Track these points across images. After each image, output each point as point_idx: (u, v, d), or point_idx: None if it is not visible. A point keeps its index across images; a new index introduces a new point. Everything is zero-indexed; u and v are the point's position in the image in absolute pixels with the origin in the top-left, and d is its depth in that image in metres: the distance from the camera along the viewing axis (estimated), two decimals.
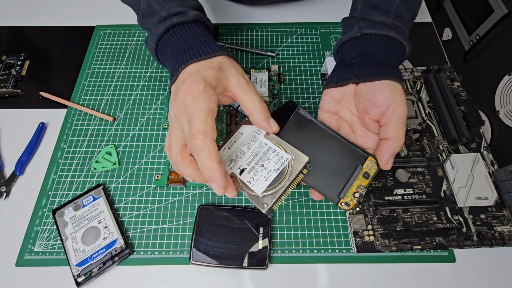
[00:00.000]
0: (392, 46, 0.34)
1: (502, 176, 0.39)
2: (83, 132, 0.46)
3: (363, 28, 0.34)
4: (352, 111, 0.34)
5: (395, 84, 0.31)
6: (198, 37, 0.33)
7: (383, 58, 0.33)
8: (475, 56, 0.56)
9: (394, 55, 0.34)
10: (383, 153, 0.30)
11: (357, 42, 0.35)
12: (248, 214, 0.39)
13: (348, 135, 0.34)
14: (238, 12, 0.59)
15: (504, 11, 0.49)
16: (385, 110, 0.30)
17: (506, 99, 0.46)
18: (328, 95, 0.35)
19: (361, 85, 0.32)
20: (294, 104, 0.43)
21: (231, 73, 0.30)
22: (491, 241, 0.37)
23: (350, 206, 0.31)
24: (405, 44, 0.34)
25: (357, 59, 0.34)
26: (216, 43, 0.33)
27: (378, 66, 0.32)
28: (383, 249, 0.37)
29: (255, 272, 0.37)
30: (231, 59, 0.32)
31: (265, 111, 0.30)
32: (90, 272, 0.36)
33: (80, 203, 0.40)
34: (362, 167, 0.31)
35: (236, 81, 0.30)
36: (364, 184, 0.31)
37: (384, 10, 0.34)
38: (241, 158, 0.32)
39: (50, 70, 0.52)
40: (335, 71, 0.35)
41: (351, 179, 0.31)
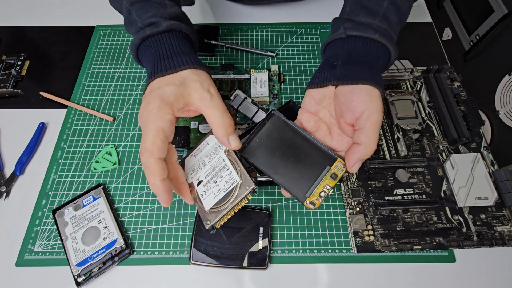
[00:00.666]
0: (376, 50, 0.33)
1: (502, 176, 0.39)
2: (83, 132, 0.46)
3: (348, 30, 0.34)
4: (331, 113, 0.34)
5: (372, 90, 0.30)
6: (168, 49, 0.33)
7: (366, 61, 0.33)
8: (475, 56, 0.56)
9: (378, 59, 0.33)
10: (351, 156, 0.30)
11: (342, 44, 0.35)
12: (248, 214, 0.39)
13: (324, 137, 0.34)
14: (238, 12, 0.59)
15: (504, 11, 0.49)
16: (359, 116, 0.30)
17: (506, 99, 0.46)
18: (310, 96, 0.35)
19: (340, 88, 0.32)
20: (294, 104, 0.43)
21: (194, 88, 0.30)
22: (491, 241, 0.37)
23: (315, 206, 0.31)
24: (390, 48, 0.33)
25: (340, 61, 0.34)
26: (188, 55, 0.32)
27: (359, 69, 0.32)
28: (383, 249, 0.37)
29: (255, 272, 0.37)
30: (198, 71, 0.32)
31: (227, 128, 0.30)
32: (90, 272, 0.36)
33: (80, 203, 0.40)
34: (331, 168, 0.32)
35: (198, 96, 0.30)
36: (331, 184, 0.32)
37: (372, 12, 0.34)
38: (201, 169, 0.33)
39: (50, 70, 0.52)
40: (318, 71, 0.35)
41: (319, 179, 0.32)
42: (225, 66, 0.51)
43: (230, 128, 0.30)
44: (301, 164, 0.32)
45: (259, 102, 0.47)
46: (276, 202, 0.41)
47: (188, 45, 0.35)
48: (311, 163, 0.32)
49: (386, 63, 0.35)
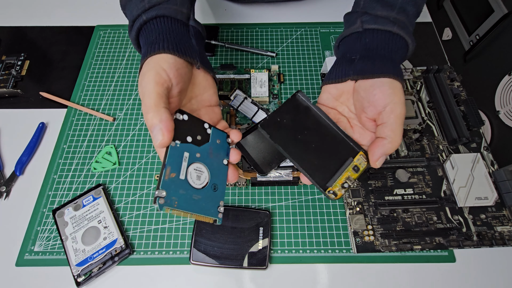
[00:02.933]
0: (395, 42, 0.33)
1: (502, 176, 0.39)
2: (83, 132, 0.46)
3: (366, 23, 0.33)
4: (350, 108, 0.34)
5: (395, 83, 0.30)
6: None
7: (385, 54, 0.32)
8: (475, 56, 0.56)
9: (397, 52, 0.33)
10: (375, 150, 0.30)
11: (359, 37, 0.34)
12: (248, 214, 0.39)
13: (345, 129, 0.34)
14: (238, 12, 0.59)
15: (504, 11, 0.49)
16: (382, 110, 0.30)
17: (506, 99, 0.46)
18: (327, 92, 0.35)
19: (360, 82, 0.31)
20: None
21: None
22: (491, 241, 0.37)
23: (337, 196, 0.30)
24: (409, 40, 0.33)
25: (358, 55, 0.33)
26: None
27: (379, 63, 0.31)
28: (383, 249, 0.37)
29: (255, 272, 0.37)
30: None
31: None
32: (90, 272, 0.36)
33: (80, 203, 0.40)
34: (353, 160, 0.31)
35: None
36: (353, 176, 0.31)
37: (389, 4, 0.33)
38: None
39: (50, 70, 0.52)
40: (335, 66, 0.35)
41: (341, 169, 0.31)
42: (225, 66, 0.51)
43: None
44: (324, 152, 0.31)
45: (259, 102, 0.47)
46: (276, 202, 0.41)
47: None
48: (333, 152, 0.31)
49: (404, 55, 0.34)
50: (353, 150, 0.32)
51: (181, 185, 0.26)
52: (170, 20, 0.32)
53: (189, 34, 0.34)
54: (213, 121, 0.33)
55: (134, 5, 0.33)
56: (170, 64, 0.29)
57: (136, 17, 0.32)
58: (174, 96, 0.29)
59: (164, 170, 0.25)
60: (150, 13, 0.32)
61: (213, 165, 0.29)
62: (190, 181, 0.27)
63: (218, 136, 0.31)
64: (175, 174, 0.26)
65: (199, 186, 0.27)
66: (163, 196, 0.24)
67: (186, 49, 0.31)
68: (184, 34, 0.33)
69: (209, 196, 0.28)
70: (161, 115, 0.26)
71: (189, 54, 0.31)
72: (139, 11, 0.32)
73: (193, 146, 0.28)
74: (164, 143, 0.26)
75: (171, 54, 0.29)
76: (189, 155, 0.28)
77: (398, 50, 0.33)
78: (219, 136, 0.31)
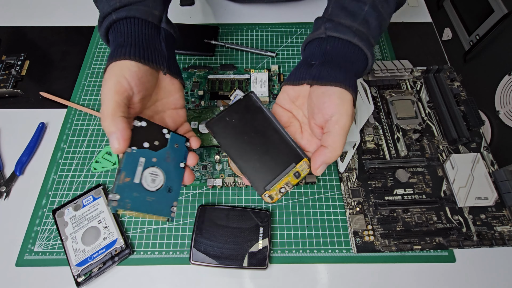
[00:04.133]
0: (354, 53, 0.33)
1: (502, 176, 0.39)
2: (83, 132, 0.46)
3: (328, 30, 0.34)
4: (304, 113, 0.34)
5: (345, 94, 0.30)
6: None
7: (342, 63, 0.33)
8: (475, 56, 0.56)
9: (356, 63, 0.33)
10: (316, 159, 0.30)
11: (321, 43, 0.34)
12: (248, 214, 0.39)
13: (295, 134, 0.34)
14: (238, 12, 0.59)
15: (504, 11, 0.49)
16: (329, 119, 0.30)
17: (506, 99, 0.47)
18: (285, 92, 0.35)
19: (314, 88, 0.32)
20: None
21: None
22: (491, 241, 0.37)
23: (273, 200, 0.31)
24: (368, 54, 0.33)
25: (318, 60, 0.33)
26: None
27: (334, 71, 0.31)
28: (383, 249, 0.37)
29: (255, 272, 0.37)
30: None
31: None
32: (90, 272, 0.36)
33: (80, 203, 0.40)
34: (296, 166, 0.32)
35: None
36: (292, 182, 0.32)
37: (353, 14, 0.34)
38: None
39: (50, 70, 0.52)
40: (296, 69, 0.35)
41: (281, 174, 0.32)
42: (225, 66, 0.51)
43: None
44: (267, 156, 0.32)
45: None
46: (276, 202, 0.41)
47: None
48: (277, 156, 0.32)
49: (363, 68, 0.35)
50: (298, 156, 0.32)
51: (135, 188, 0.28)
52: (140, 22, 0.32)
53: (160, 37, 0.34)
54: (176, 123, 0.34)
55: (106, 1, 0.33)
56: (133, 73, 0.29)
57: (106, 14, 0.32)
58: (135, 103, 0.30)
59: (118, 175, 0.27)
60: (120, 13, 0.31)
61: (169, 168, 0.31)
62: (144, 184, 0.29)
63: (176, 140, 0.32)
64: (129, 178, 0.28)
65: (153, 189, 0.29)
66: (116, 199, 0.26)
67: (153, 55, 0.31)
68: (154, 38, 0.33)
69: (163, 198, 0.29)
70: (117, 124, 0.27)
71: (155, 60, 0.31)
72: (110, 9, 0.32)
73: (150, 152, 0.30)
74: (120, 150, 0.27)
75: (135, 61, 0.29)
76: (145, 160, 0.29)
77: (356, 62, 0.33)
78: (178, 140, 0.32)
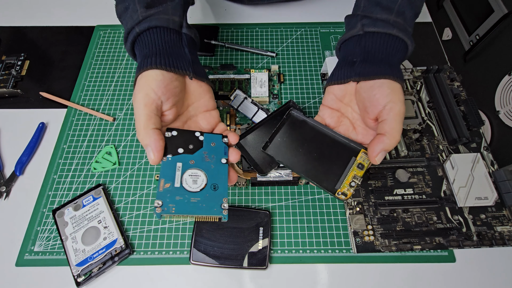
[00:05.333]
0: (395, 45, 0.34)
1: (502, 176, 0.39)
2: (83, 132, 0.46)
3: (366, 26, 0.34)
4: (354, 109, 0.35)
5: (393, 84, 0.31)
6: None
7: (384, 56, 0.33)
8: (475, 56, 0.56)
9: (396, 54, 0.34)
10: (374, 146, 0.31)
11: (360, 40, 0.35)
12: (248, 214, 0.39)
13: (348, 132, 0.35)
14: (238, 12, 0.59)
15: (504, 11, 0.49)
16: (382, 109, 0.31)
17: (506, 99, 0.46)
18: (331, 93, 0.36)
19: (361, 83, 0.33)
20: (294, 104, 0.43)
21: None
22: (491, 241, 0.37)
23: (347, 196, 0.32)
24: (408, 42, 0.34)
25: (359, 58, 0.34)
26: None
27: (379, 65, 0.32)
28: (383, 249, 0.37)
29: (255, 272, 0.37)
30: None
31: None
32: (90, 272, 0.36)
33: (80, 203, 0.40)
34: (356, 158, 0.33)
35: None
36: (359, 174, 0.33)
37: (387, 8, 0.34)
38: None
39: (50, 70, 0.52)
40: (337, 68, 0.36)
41: (346, 170, 0.33)
42: (225, 66, 0.51)
43: None
44: (326, 159, 0.34)
45: (259, 102, 0.47)
46: (276, 202, 0.41)
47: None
48: (335, 157, 0.34)
49: (403, 56, 0.35)
50: (355, 149, 0.33)
51: (177, 192, 0.28)
52: (162, 31, 0.33)
53: (182, 43, 0.35)
54: (211, 125, 0.34)
55: (129, 17, 0.34)
56: (158, 82, 0.30)
57: (130, 29, 0.33)
58: (167, 110, 0.31)
59: (158, 183, 0.28)
60: (143, 25, 0.33)
61: (210, 167, 0.31)
62: (186, 186, 0.29)
63: (212, 139, 0.32)
64: (169, 184, 0.29)
65: (196, 190, 0.29)
66: (159, 205, 0.27)
67: (177, 61, 0.32)
68: (176, 44, 0.34)
69: (210, 196, 0.29)
70: (150, 136, 0.28)
71: (180, 66, 0.32)
72: (133, 23, 0.33)
73: (186, 156, 0.30)
74: (156, 161, 0.29)
75: (160, 69, 0.30)
76: (182, 164, 0.30)
77: (396, 52, 0.34)
78: (214, 139, 0.32)
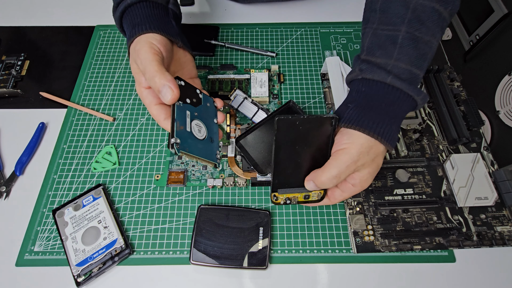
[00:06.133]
0: (391, 94, 0.31)
1: (502, 176, 0.39)
2: (83, 132, 0.46)
3: (363, 72, 0.33)
4: None
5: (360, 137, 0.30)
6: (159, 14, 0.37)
7: (376, 105, 0.31)
8: (475, 56, 0.56)
9: (394, 104, 0.31)
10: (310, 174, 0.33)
11: (358, 85, 0.34)
12: (248, 214, 0.39)
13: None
14: (238, 12, 0.59)
15: (504, 11, 0.49)
16: (334, 152, 0.32)
17: (506, 99, 0.46)
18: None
19: (342, 129, 0.33)
20: (294, 104, 0.43)
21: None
22: (491, 241, 0.37)
23: (275, 202, 0.35)
24: (410, 93, 0.31)
25: (353, 103, 0.33)
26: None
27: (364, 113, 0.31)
28: (383, 249, 0.37)
29: (255, 272, 0.37)
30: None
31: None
32: (90, 272, 0.36)
33: (80, 203, 0.40)
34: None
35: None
36: (299, 199, 0.35)
37: (387, 52, 0.32)
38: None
39: (50, 70, 0.52)
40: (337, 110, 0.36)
41: (298, 189, 0.34)
42: (225, 66, 0.51)
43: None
44: (301, 169, 0.33)
45: (259, 102, 0.47)
46: (276, 206, 0.41)
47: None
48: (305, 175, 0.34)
49: (407, 106, 0.32)
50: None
51: (189, 135, 0.32)
52: (152, 4, 0.36)
53: (169, 16, 0.38)
54: None
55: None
56: (158, 41, 0.33)
57: (120, 1, 0.36)
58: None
59: (174, 123, 0.31)
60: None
61: (207, 122, 0.35)
62: (194, 133, 0.33)
63: (207, 100, 0.37)
64: (182, 127, 0.32)
65: (200, 138, 0.34)
66: (178, 142, 0.30)
67: (168, 30, 0.35)
68: (164, 17, 0.37)
69: (209, 146, 0.34)
70: (166, 76, 0.30)
71: (171, 34, 0.35)
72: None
73: (191, 107, 0.34)
74: (175, 97, 0.30)
75: (157, 33, 0.34)
76: (190, 113, 0.33)
77: (395, 103, 0.31)
78: (208, 100, 0.37)
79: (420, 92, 0.31)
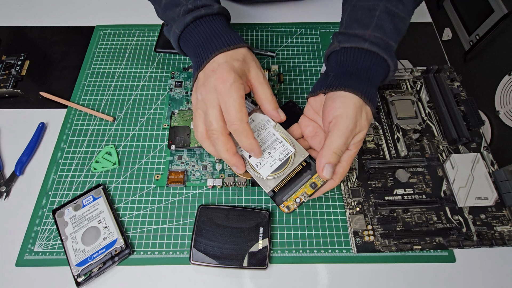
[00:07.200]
0: (368, 59, 0.33)
1: (502, 176, 0.39)
2: (83, 132, 0.46)
3: (341, 42, 0.35)
4: None
5: (350, 97, 0.31)
6: (222, 28, 0.35)
7: (355, 71, 0.33)
8: (475, 56, 0.56)
9: (371, 69, 0.33)
10: (318, 160, 0.31)
11: (336, 56, 0.36)
12: (248, 214, 0.39)
13: (319, 145, 0.34)
14: (238, 12, 0.59)
15: (504, 11, 0.49)
16: (330, 121, 0.31)
17: (506, 99, 0.46)
18: (309, 104, 0.36)
19: (327, 96, 0.33)
20: (294, 104, 0.43)
21: (252, 66, 0.33)
22: (491, 241, 0.37)
23: (290, 210, 0.32)
24: (385, 56, 0.33)
25: (333, 72, 0.35)
26: (238, 34, 0.35)
27: (345, 79, 0.32)
28: (383, 249, 0.37)
29: (255, 272, 0.37)
30: (251, 51, 0.35)
31: (275, 103, 0.33)
32: (90, 272, 0.36)
33: (80, 203, 0.40)
34: (312, 177, 0.33)
35: (255, 74, 0.33)
36: (308, 192, 0.33)
37: (364, 24, 0.34)
38: None
39: (50, 70, 0.52)
40: (316, 82, 0.37)
41: (298, 185, 0.33)
42: None
43: (277, 103, 0.34)
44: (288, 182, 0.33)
45: None
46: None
47: (232, 29, 0.37)
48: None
49: (383, 73, 0.35)
50: (314, 168, 0.33)
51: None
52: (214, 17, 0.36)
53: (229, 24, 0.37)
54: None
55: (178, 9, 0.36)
56: (244, 58, 0.33)
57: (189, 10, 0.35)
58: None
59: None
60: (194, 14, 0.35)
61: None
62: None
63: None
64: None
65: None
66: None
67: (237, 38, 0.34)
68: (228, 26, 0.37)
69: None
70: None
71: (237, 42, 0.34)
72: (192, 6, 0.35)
73: None
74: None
75: (245, 47, 0.33)
76: None
77: (372, 68, 0.33)
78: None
79: (394, 58, 0.34)
